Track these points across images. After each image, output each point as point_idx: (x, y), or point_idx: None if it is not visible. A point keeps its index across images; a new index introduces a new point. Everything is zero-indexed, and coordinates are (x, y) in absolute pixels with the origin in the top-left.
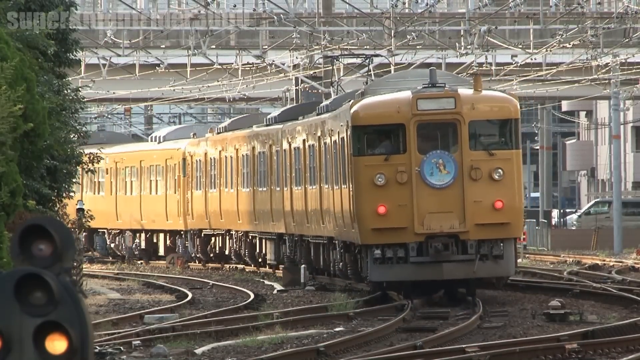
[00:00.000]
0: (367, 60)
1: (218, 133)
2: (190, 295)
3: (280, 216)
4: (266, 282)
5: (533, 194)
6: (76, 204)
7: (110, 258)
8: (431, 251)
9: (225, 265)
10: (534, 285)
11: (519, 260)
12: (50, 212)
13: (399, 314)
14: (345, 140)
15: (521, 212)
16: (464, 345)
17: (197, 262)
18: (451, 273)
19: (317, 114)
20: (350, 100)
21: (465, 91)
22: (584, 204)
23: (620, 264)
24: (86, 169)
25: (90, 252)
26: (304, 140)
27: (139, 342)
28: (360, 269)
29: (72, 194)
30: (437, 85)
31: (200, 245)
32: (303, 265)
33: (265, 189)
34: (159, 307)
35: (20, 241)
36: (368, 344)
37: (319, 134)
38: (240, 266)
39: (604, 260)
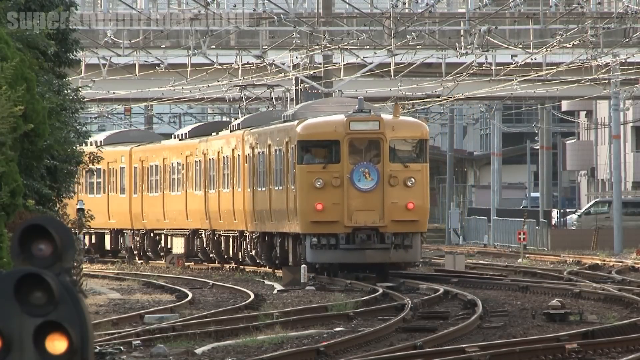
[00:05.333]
0: (270, 89)
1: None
2: (190, 295)
3: (197, 215)
4: (266, 282)
5: (533, 194)
6: (76, 204)
7: None
8: (357, 240)
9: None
10: (534, 285)
11: (519, 260)
12: (50, 212)
13: (399, 314)
14: (284, 151)
15: (427, 212)
16: (464, 345)
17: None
18: (372, 258)
19: (230, 131)
20: (285, 120)
21: (386, 116)
22: (584, 204)
23: (620, 264)
24: (86, 169)
25: None
26: (218, 152)
27: (139, 342)
28: (276, 254)
29: (72, 194)
30: (364, 110)
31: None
32: (303, 265)
33: (180, 192)
34: (159, 307)
35: (20, 241)
36: (368, 344)
37: (232, 146)
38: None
39: (604, 260)
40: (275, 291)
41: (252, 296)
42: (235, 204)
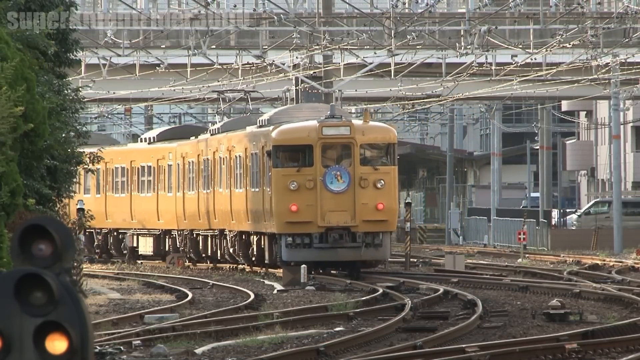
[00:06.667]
0: (246, 94)
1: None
2: (190, 295)
3: (170, 215)
4: (266, 282)
5: (533, 194)
6: (76, 204)
7: None
8: (330, 239)
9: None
10: (534, 285)
11: (519, 260)
12: (50, 212)
13: (399, 314)
14: (259, 155)
15: (396, 212)
16: (464, 345)
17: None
18: (344, 256)
19: (211, 135)
20: (261, 125)
21: (357, 121)
22: (584, 204)
23: (620, 264)
24: (86, 169)
25: None
26: (198, 155)
27: (139, 342)
28: (253, 252)
29: (72, 194)
30: (335, 116)
31: None
32: (303, 265)
33: (151, 194)
34: (159, 307)
35: (20, 241)
36: (368, 344)
37: (214, 149)
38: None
39: (604, 260)
40: (275, 291)
41: (252, 296)
42: (215, 204)
